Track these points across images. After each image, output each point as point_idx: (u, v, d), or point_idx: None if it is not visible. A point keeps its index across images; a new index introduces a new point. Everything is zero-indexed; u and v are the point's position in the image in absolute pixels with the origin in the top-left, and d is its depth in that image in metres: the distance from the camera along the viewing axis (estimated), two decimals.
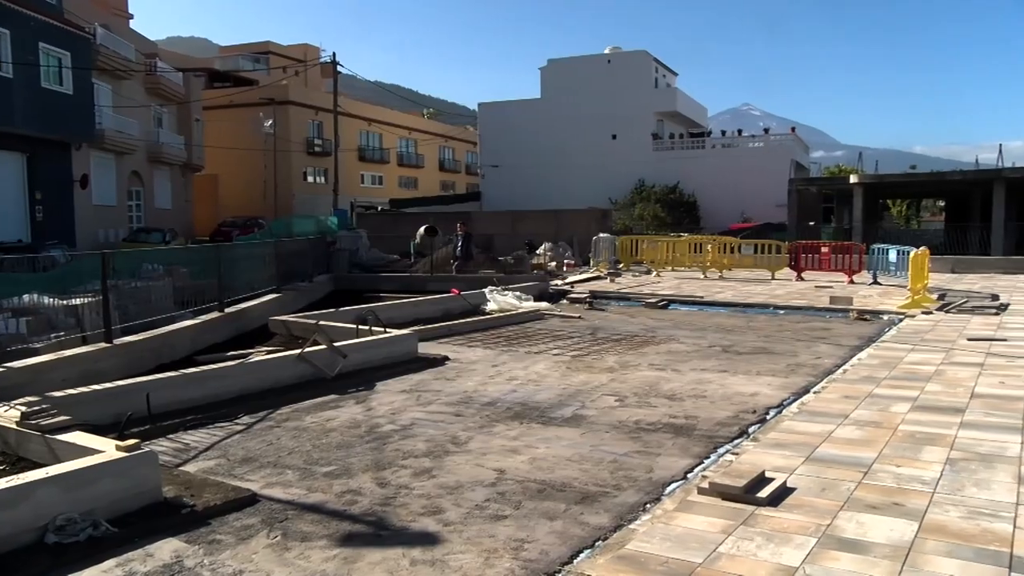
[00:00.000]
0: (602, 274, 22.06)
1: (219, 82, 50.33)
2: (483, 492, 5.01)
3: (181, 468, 5.57)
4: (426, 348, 10.26)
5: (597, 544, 4.22)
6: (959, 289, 17.25)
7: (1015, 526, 4.20)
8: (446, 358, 9.76)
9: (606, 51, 54.52)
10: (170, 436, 6.40)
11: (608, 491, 5.00)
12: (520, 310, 14.10)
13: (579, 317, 13.91)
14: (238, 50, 59.69)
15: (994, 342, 10.35)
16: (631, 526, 4.42)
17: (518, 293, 15.21)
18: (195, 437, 6.41)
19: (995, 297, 15.66)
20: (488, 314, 13.79)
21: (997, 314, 13.30)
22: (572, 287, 18.72)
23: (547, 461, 5.62)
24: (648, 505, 4.76)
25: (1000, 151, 42.47)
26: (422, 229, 26.05)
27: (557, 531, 4.39)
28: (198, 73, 45.61)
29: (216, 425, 6.74)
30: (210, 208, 43.60)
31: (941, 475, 5.05)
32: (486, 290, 15.10)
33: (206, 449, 6.07)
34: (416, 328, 11.20)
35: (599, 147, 50.35)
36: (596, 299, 16.45)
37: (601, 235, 25.13)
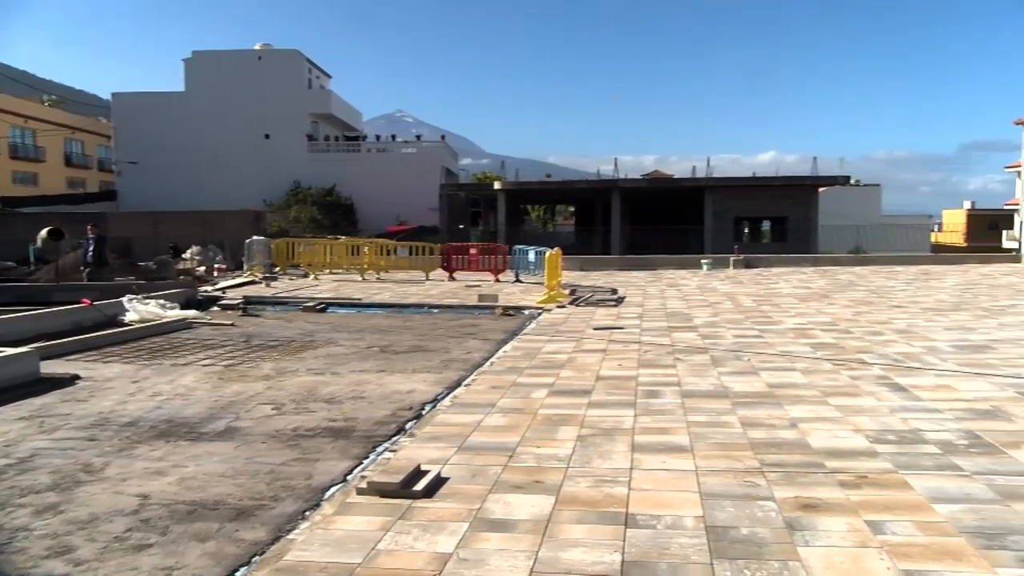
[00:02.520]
0: (257, 278, 21.26)
1: None
2: (123, 522, 4.55)
3: None
4: (52, 367, 9.05)
5: (254, 560, 4.05)
6: (587, 285, 19.44)
7: (630, 488, 4.84)
8: (76, 377, 8.70)
9: (256, 47, 52.59)
10: None
11: (265, 503, 4.82)
12: (165, 319, 13.05)
13: (232, 324, 13.24)
14: None
15: (614, 331, 11.83)
16: (290, 536, 4.31)
17: (162, 301, 14.06)
18: None
19: (614, 291, 17.91)
20: (127, 325, 12.56)
21: (616, 306, 15.23)
22: (224, 293, 17.78)
23: (198, 480, 5.27)
24: (307, 512, 4.67)
25: (616, 164, 48.70)
26: (44, 232, 22.88)
27: (210, 552, 4.13)
28: None
29: None
30: None
31: (573, 451, 5.64)
32: (124, 299, 13.73)
33: None
34: (38, 345, 9.82)
35: (252, 146, 48.48)
36: (250, 305, 15.80)
37: (255, 238, 24.21)
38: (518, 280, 21.02)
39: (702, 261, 26.49)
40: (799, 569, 3.70)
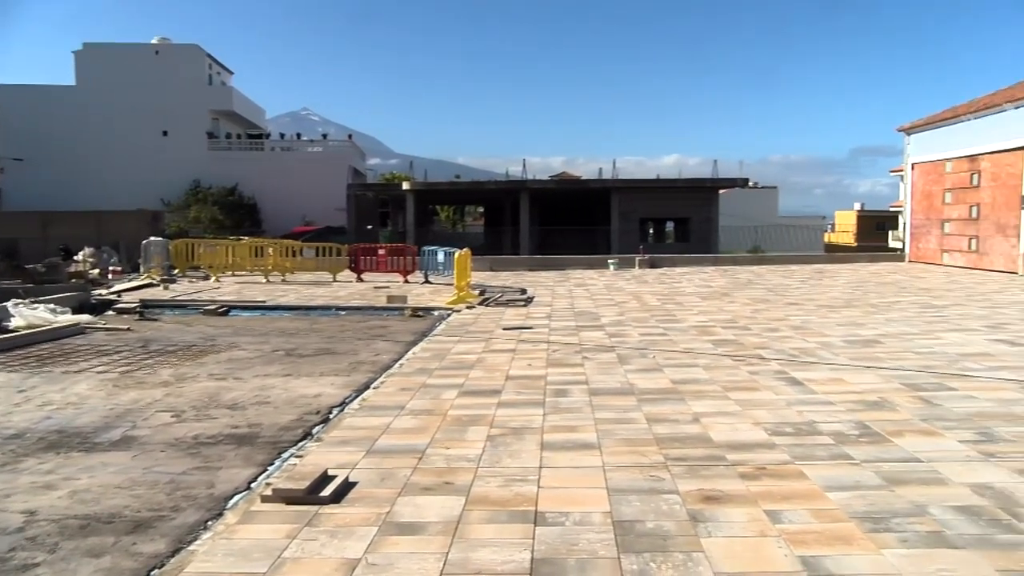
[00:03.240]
0: (155, 281, 20.46)
1: None
2: (8, 540, 4.30)
3: None
4: None
5: (153, 573, 3.90)
6: (496, 285, 19.50)
7: (539, 486, 4.89)
8: None
9: (153, 41, 50.59)
10: None
11: (165, 514, 4.65)
12: (55, 325, 12.40)
13: (128, 329, 12.70)
14: None
15: (523, 330, 11.91)
16: (191, 547, 4.16)
17: (52, 306, 13.36)
18: None
19: (524, 291, 18.03)
20: (13, 332, 11.88)
21: (525, 306, 15.33)
22: (119, 296, 17.04)
23: (91, 492, 5.03)
24: (210, 522, 4.53)
25: (524, 165, 49.03)
26: None
27: (105, 568, 3.95)
28: None
29: None
30: None
31: (483, 451, 5.65)
32: (9, 304, 12.98)
33: None
34: None
35: (149, 144, 46.61)
36: (148, 308, 15.18)
37: (153, 239, 23.29)
38: (427, 281, 20.92)
39: (609, 261, 26.97)
40: (702, 560, 3.82)
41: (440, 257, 21.19)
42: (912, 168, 28.39)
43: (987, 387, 7.61)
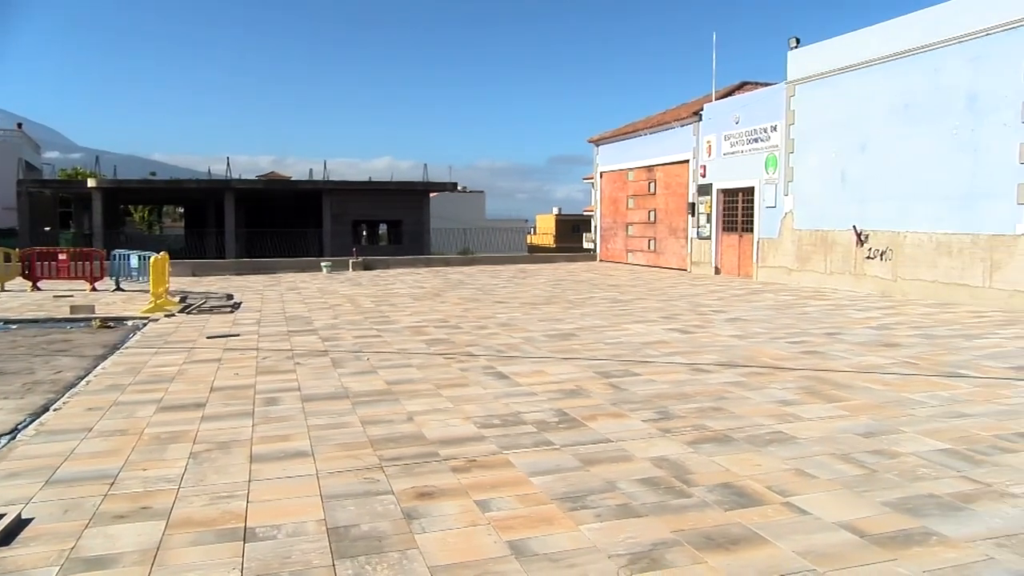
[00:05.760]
0: None
1: None
2: None
3: None
4: None
5: None
6: (199, 291, 18.32)
7: (248, 501, 4.66)
8: None
9: None
10: None
11: None
12: None
13: None
14: None
15: (230, 338, 11.30)
16: None
17: None
18: None
19: (230, 297, 17.14)
20: None
21: (232, 312, 14.57)
22: None
23: None
24: None
25: (228, 163, 46.33)
26: None
27: None
28: None
29: None
30: None
31: (186, 470, 5.27)
32: None
33: None
34: None
35: None
36: None
37: None
38: (119, 288, 19.06)
39: (322, 264, 26.51)
40: (417, 556, 3.88)
41: (134, 262, 19.43)
42: (600, 176, 31.24)
43: (664, 371, 8.60)
